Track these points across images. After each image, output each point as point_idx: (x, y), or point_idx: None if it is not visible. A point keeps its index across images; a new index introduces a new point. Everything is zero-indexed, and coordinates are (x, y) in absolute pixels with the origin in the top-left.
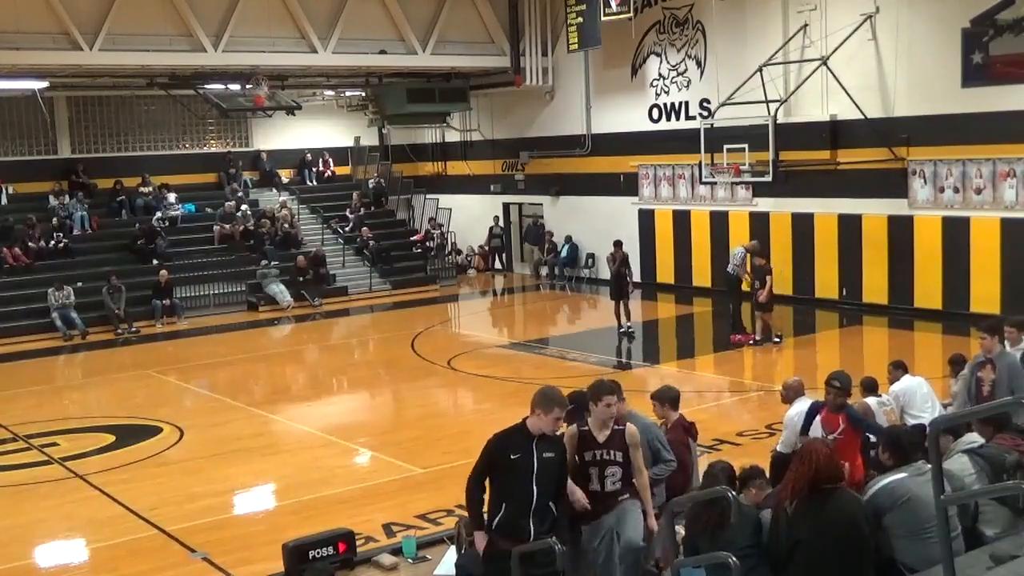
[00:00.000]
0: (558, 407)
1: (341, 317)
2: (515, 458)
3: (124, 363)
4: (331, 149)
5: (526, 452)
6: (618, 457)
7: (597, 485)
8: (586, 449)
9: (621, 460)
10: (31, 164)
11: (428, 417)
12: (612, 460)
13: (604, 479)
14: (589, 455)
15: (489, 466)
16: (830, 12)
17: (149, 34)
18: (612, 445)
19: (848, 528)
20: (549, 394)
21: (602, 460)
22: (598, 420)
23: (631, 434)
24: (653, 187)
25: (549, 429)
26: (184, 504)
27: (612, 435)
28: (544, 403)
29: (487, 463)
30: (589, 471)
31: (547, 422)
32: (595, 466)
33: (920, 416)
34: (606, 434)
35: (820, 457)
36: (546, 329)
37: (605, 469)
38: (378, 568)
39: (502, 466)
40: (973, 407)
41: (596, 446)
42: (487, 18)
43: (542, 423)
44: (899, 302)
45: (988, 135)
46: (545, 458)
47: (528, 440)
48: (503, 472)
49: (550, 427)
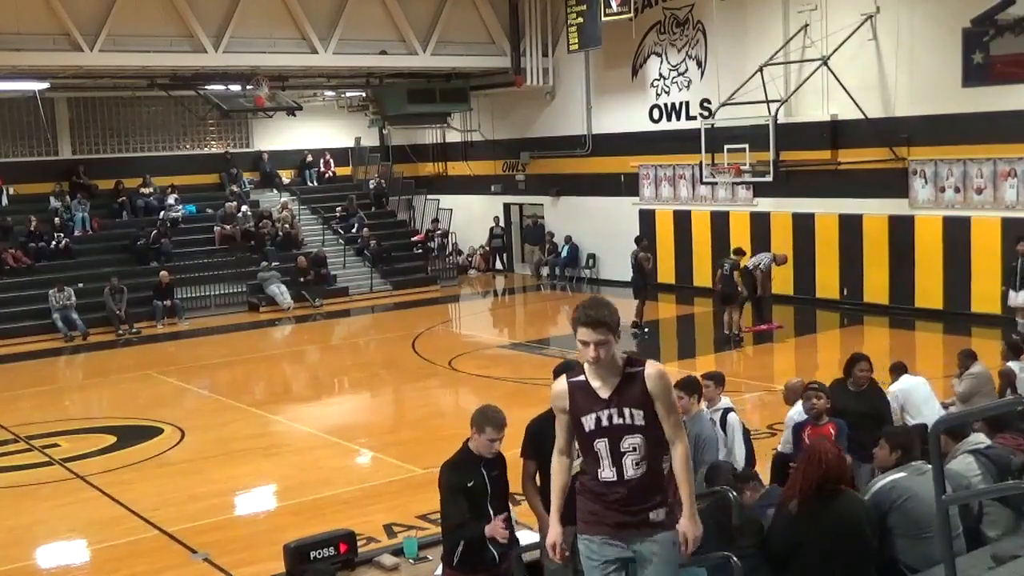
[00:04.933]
0: (490, 427)
1: (342, 318)
2: (471, 486)
3: (125, 364)
4: (332, 150)
5: (478, 477)
6: (637, 418)
7: (610, 471)
8: (584, 412)
9: (642, 423)
10: (32, 165)
11: (429, 417)
12: (628, 424)
13: (622, 459)
14: (590, 421)
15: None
16: (831, 12)
17: (150, 35)
18: (625, 400)
19: (852, 530)
20: (484, 412)
21: (611, 427)
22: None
23: (654, 377)
24: (654, 187)
25: (485, 452)
26: (185, 505)
27: (623, 383)
28: (476, 421)
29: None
30: (595, 447)
31: (480, 443)
32: (603, 437)
33: (920, 416)
34: (614, 383)
35: (829, 458)
36: (547, 329)
37: (620, 441)
38: (379, 568)
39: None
40: (973, 407)
41: (598, 404)
42: (487, 18)
43: (478, 444)
44: (900, 302)
45: (989, 135)
46: (495, 477)
47: (476, 464)
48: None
49: (485, 449)
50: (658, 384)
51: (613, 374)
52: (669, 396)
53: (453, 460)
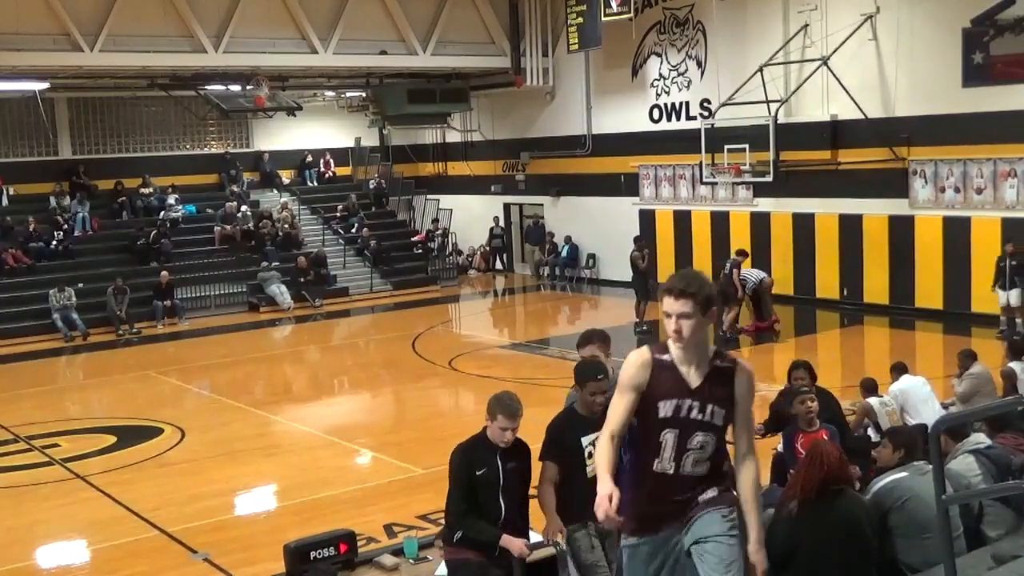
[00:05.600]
0: (502, 414)
1: (342, 318)
2: (480, 474)
3: (125, 364)
4: (332, 150)
5: (491, 466)
6: (716, 417)
7: (669, 464)
8: (664, 396)
9: (720, 423)
10: (32, 165)
11: (429, 418)
12: (705, 421)
13: (685, 455)
14: (668, 407)
15: (460, 486)
16: (831, 12)
17: (150, 35)
18: (711, 395)
19: (852, 530)
20: (498, 399)
21: (687, 420)
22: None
23: (746, 379)
24: (654, 187)
25: (499, 440)
26: (185, 505)
27: (713, 375)
28: (490, 407)
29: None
30: (661, 436)
31: (493, 431)
32: (674, 428)
33: (920, 416)
34: (703, 372)
35: (831, 459)
36: (547, 329)
37: (690, 437)
38: (380, 569)
39: (468, 483)
40: (974, 408)
41: (683, 391)
42: (487, 19)
43: (492, 432)
44: (900, 302)
45: (989, 135)
46: (510, 469)
47: (492, 452)
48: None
49: (498, 438)
50: (747, 387)
51: (702, 362)
52: (751, 403)
53: (466, 443)
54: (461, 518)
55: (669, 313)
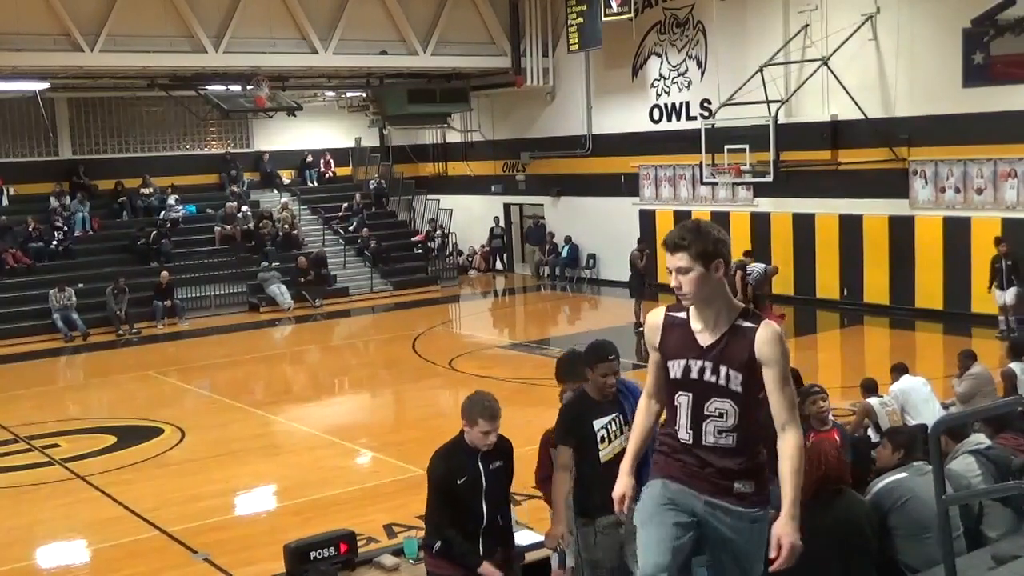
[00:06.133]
0: (483, 418)
1: (342, 318)
2: (461, 482)
3: (125, 364)
4: (332, 150)
5: (472, 471)
6: (733, 382)
7: (687, 433)
8: (674, 355)
9: (739, 389)
10: (32, 165)
11: (429, 418)
12: (720, 385)
13: (704, 423)
14: (678, 368)
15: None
16: (831, 12)
17: (150, 35)
18: (725, 356)
19: (852, 530)
20: (474, 402)
21: (701, 381)
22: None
23: (765, 339)
24: (654, 187)
25: (479, 444)
26: (185, 505)
27: (729, 336)
28: (467, 412)
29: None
30: (676, 400)
31: (474, 436)
32: (687, 391)
33: (920, 416)
34: (719, 332)
35: (829, 458)
36: (547, 329)
37: (706, 402)
38: (380, 569)
39: (449, 492)
40: (975, 408)
41: (694, 351)
42: (488, 19)
43: (472, 437)
44: (900, 302)
45: (989, 135)
46: (493, 470)
47: (472, 456)
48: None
49: (480, 442)
50: (770, 349)
51: (721, 321)
52: (782, 366)
53: (445, 449)
54: (442, 531)
55: (670, 269)
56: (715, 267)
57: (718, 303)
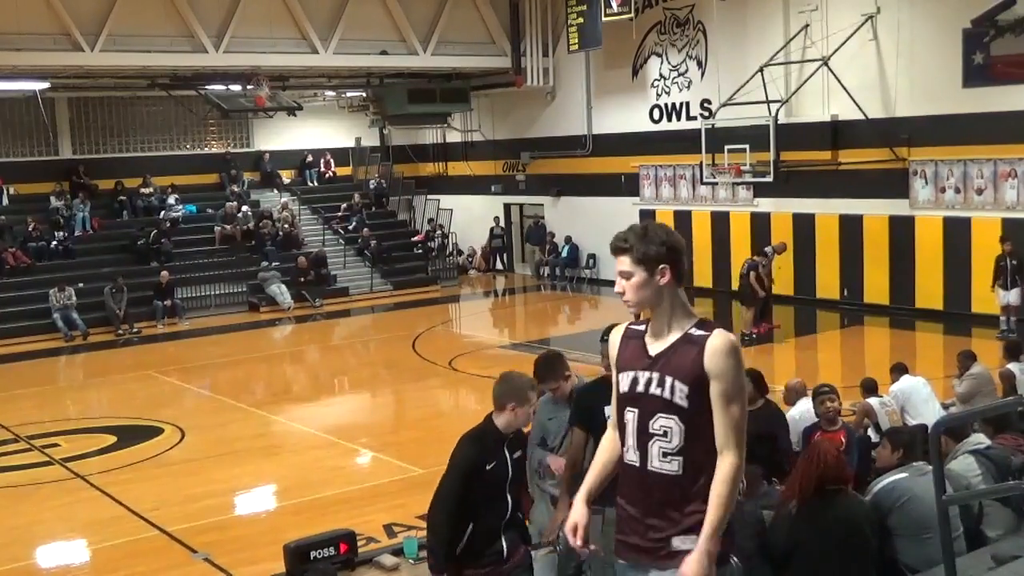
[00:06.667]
0: (531, 391)
1: (342, 318)
2: (490, 468)
3: (125, 364)
4: (332, 150)
5: (500, 459)
6: (679, 395)
7: (635, 453)
8: (624, 367)
9: (684, 404)
10: (32, 165)
11: (429, 418)
12: (665, 399)
13: (649, 442)
14: (625, 380)
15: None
16: (831, 12)
17: (150, 35)
18: (671, 365)
19: (852, 530)
20: (517, 382)
21: (646, 395)
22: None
23: (716, 350)
24: (654, 188)
25: (520, 425)
26: (185, 505)
27: (678, 345)
28: (517, 393)
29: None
30: (624, 417)
31: (520, 415)
32: (633, 406)
33: (920, 416)
34: (668, 341)
35: (828, 457)
36: (547, 329)
37: (651, 417)
38: (380, 569)
39: (475, 480)
40: (975, 408)
41: (641, 361)
42: (488, 19)
43: (518, 418)
44: (900, 302)
45: (989, 135)
46: (515, 459)
47: (499, 443)
48: (474, 487)
49: (523, 421)
50: (719, 360)
51: (673, 330)
52: (730, 381)
53: (476, 432)
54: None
55: None
56: (660, 272)
57: (668, 311)
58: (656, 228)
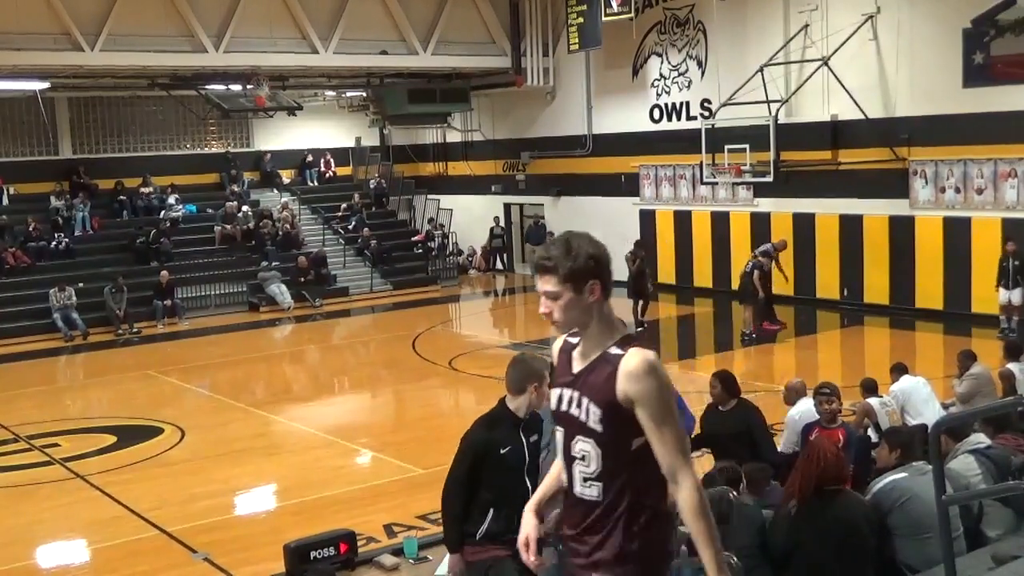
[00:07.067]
0: (548, 370)
1: (342, 318)
2: (504, 452)
3: (125, 364)
4: (332, 149)
5: (515, 443)
6: (592, 418)
7: (564, 475)
8: (555, 382)
9: (598, 428)
10: (32, 165)
11: (429, 418)
12: (581, 421)
13: (573, 465)
14: (554, 397)
15: (473, 467)
16: (831, 12)
17: (150, 35)
18: (587, 386)
19: (851, 530)
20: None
21: (568, 415)
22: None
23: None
24: (654, 187)
25: (536, 407)
26: (185, 505)
27: (598, 362)
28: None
29: (471, 463)
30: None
31: (539, 395)
32: (560, 425)
33: (920, 416)
34: (591, 358)
35: (827, 456)
36: (547, 330)
37: (572, 439)
38: (379, 569)
39: (489, 464)
40: (975, 407)
41: (565, 378)
42: (488, 18)
43: (540, 398)
44: (900, 302)
45: (989, 135)
46: (532, 443)
47: (516, 427)
48: (490, 471)
49: (539, 403)
50: (634, 383)
51: (596, 346)
52: (658, 402)
53: (489, 417)
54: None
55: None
56: (589, 290)
57: (596, 328)
58: (581, 241)
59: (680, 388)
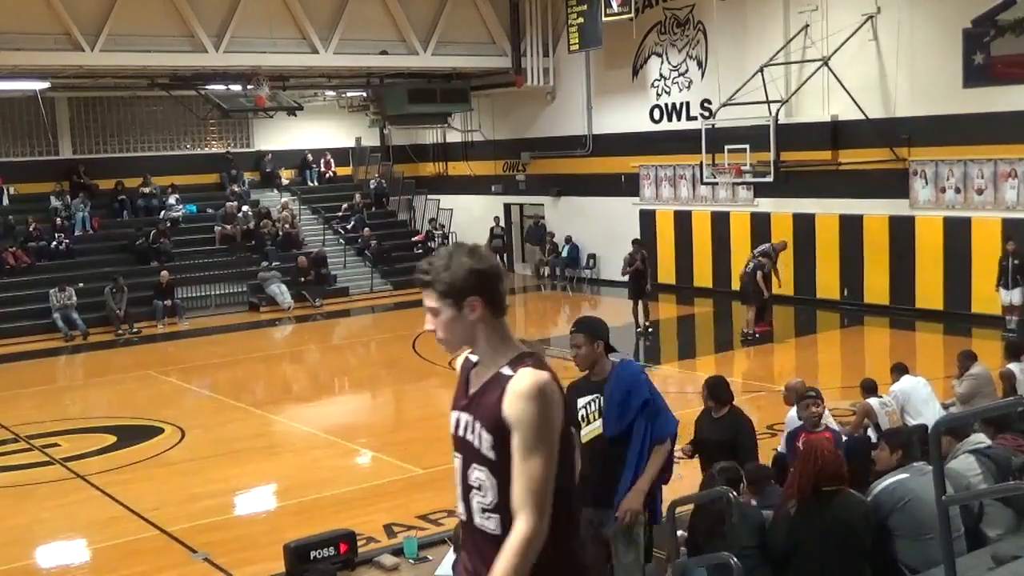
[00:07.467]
0: None
1: (342, 318)
2: None
3: (125, 364)
4: (332, 150)
5: None
6: (485, 444)
7: (461, 505)
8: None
9: (491, 455)
10: (32, 165)
11: (429, 418)
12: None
13: (469, 495)
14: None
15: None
16: (831, 12)
17: (150, 35)
18: (479, 409)
19: (850, 530)
20: None
21: (464, 440)
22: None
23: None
24: (654, 187)
25: None
26: (185, 505)
27: (491, 383)
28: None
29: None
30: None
31: None
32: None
33: (920, 416)
34: (484, 379)
35: (825, 455)
36: (548, 329)
37: (469, 467)
38: (379, 568)
39: None
40: (975, 408)
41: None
42: (488, 19)
43: None
44: (900, 302)
45: (989, 135)
46: None
47: None
48: None
49: None
50: (516, 405)
51: (489, 367)
52: (532, 430)
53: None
54: None
55: None
56: (470, 306)
57: (486, 347)
58: (461, 254)
59: (680, 388)
